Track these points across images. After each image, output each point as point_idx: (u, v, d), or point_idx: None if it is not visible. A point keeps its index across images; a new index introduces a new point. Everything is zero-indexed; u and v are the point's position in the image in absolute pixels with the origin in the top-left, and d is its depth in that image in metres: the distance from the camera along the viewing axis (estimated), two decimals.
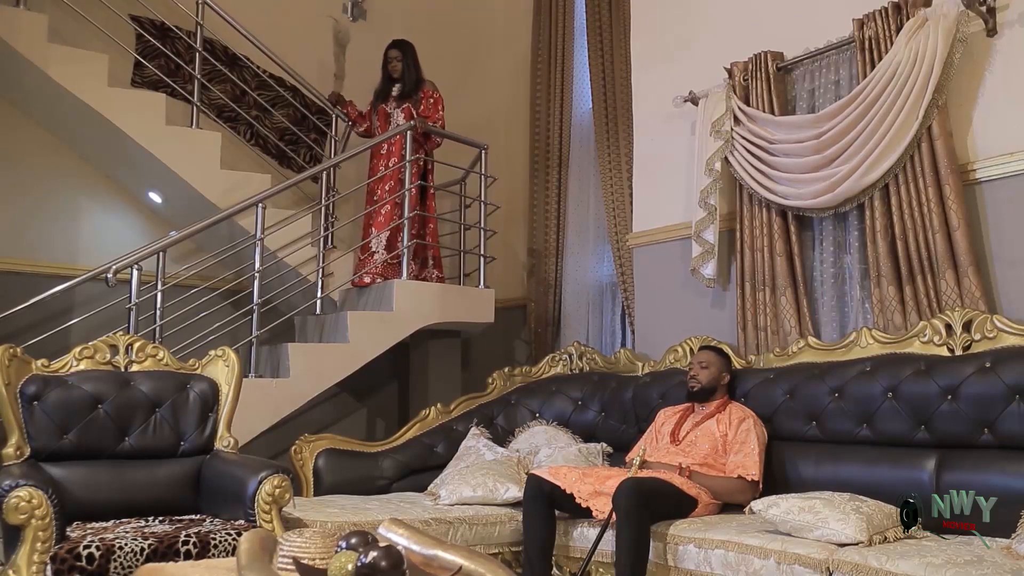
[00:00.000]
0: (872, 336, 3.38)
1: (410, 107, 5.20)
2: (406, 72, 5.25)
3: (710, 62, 4.18)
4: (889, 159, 3.40)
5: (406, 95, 5.24)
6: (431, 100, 5.21)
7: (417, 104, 5.19)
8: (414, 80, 5.25)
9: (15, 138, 4.64)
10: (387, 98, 5.29)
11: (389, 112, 5.28)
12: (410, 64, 5.26)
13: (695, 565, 2.91)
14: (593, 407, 4.26)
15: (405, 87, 5.25)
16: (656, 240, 4.52)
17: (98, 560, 2.50)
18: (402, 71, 5.24)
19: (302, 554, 1.94)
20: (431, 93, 5.23)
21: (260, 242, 4.53)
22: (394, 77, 5.26)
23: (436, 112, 5.20)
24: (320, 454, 4.01)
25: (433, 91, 5.24)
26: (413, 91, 5.23)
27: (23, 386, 3.03)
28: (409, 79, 5.25)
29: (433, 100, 5.22)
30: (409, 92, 5.24)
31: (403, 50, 5.28)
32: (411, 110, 5.18)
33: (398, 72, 5.24)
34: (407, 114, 5.18)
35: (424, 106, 5.18)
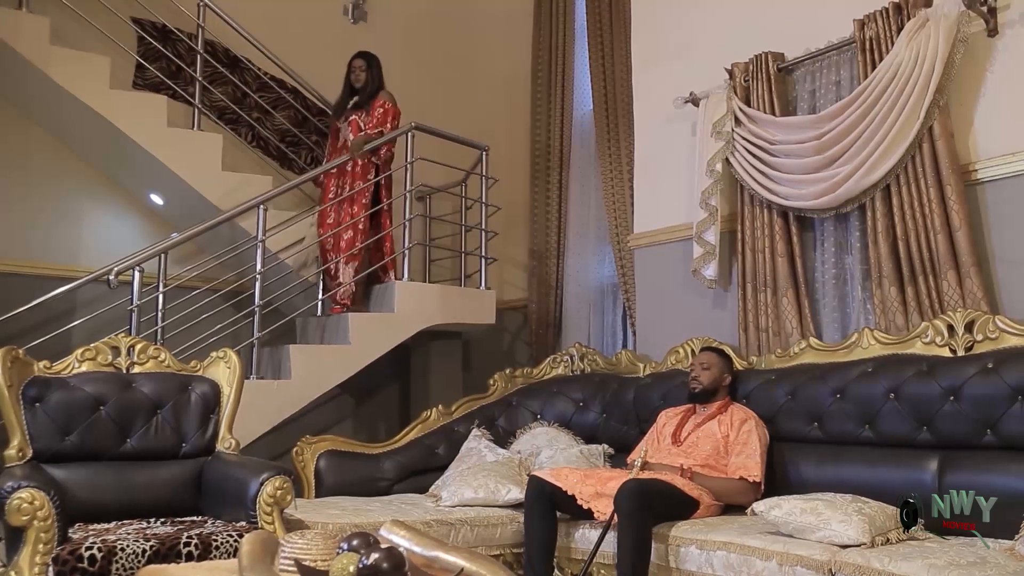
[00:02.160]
0: (874, 337, 3.37)
1: (357, 120, 4.99)
2: (368, 81, 5.06)
3: (711, 63, 4.18)
4: (890, 160, 3.40)
5: (360, 105, 5.04)
6: (381, 111, 4.95)
7: (368, 114, 4.99)
8: (373, 91, 5.04)
9: (17, 140, 4.64)
10: (342, 112, 5.12)
11: (339, 127, 5.12)
12: (374, 76, 5.07)
13: (697, 567, 2.91)
14: (594, 408, 4.26)
15: (362, 97, 5.06)
16: (657, 241, 4.52)
17: (100, 562, 2.50)
18: (365, 81, 5.07)
19: (304, 556, 1.95)
20: (384, 103, 4.98)
21: (261, 243, 4.53)
22: (356, 87, 5.09)
23: (384, 123, 4.93)
24: (321, 455, 4.01)
25: (387, 101, 4.99)
26: (367, 102, 5.02)
27: (25, 388, 3.04)
28: (368, 90, 5.06)
29: (383, 111, 4.95)
30: (363, 103, 5.04)
31: (368, 60, 5.11)
32: (358, 123, 4.98)
33: (361, 82, 5.07)
34: (354, 127, 4.99)
35: (373, 117, 4.95)
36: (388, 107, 4.98)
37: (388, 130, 4.92)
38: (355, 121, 5.01)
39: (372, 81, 5.07)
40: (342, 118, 5.09)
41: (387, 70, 5.89)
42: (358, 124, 4.98)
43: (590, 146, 5.43)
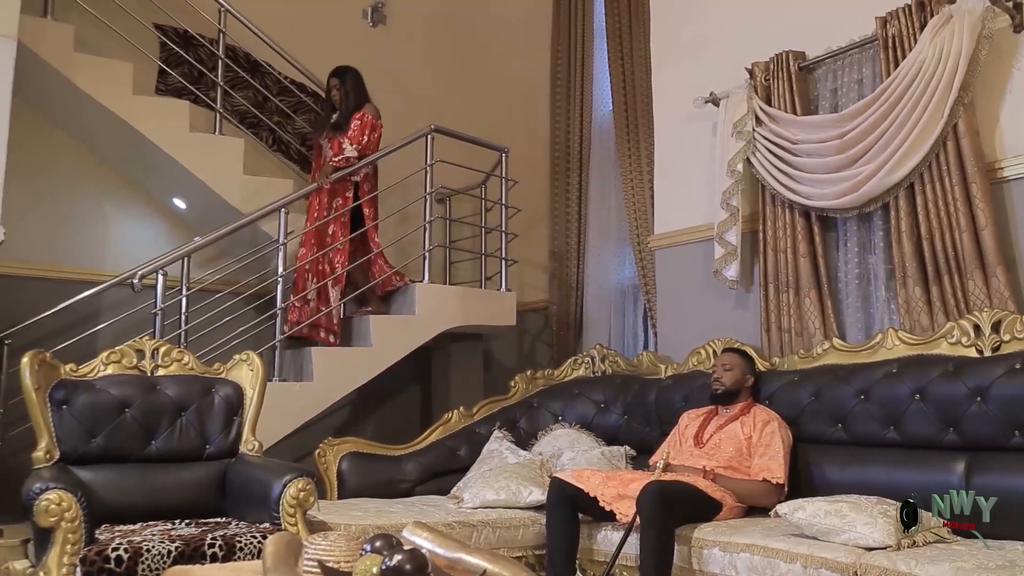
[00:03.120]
0: (898, 337, 3.34)
1: (337, 141, 4.86)
2: (344, 100, 4.93)
3: (731, 62, 4.16)
4: (914, 158, 3.37)
5: (338, 125, 4.91)
6: (357, 123, 4.81)
7: (345, 133, 4.85)
8: (351, 108, 4.90)
9: (43, 146, 4.70)
10: (322, 129, 5.05)
11: (321, 144, 5.03)
12: (348, 91, 4.93)
13: (720, 569, 2.89)
14: (616, 410, 4.25)
15: (340, 116, 4.93)
16: (678, 242, 4.50)
17: (126, 562, 2.52)
18: (340, 99, 4.94)
19: (327, 557, 1.95)
20: (362, 115, 4.83)
21: (283, 246, 4.56)
22: (335, 106, 4.98)
23: (362, 135, 4.78)
24: (344, 457, 4.02)
25: (364, 113, 4.85)
26: (346, 120, 4.89)
27: (52, 390, 3.07)
28: (346, 108, 4.91)
29: (361, 123, 4.81)
30: (341, 122, 4.91)
31: (342, 77, 4.96)
32: (338, 143, 4.84)
33: (337, 100, 4.96)
34: (335, 147, 4.86)
35: (351, 131, 4.81)
36: (366, 119, 4.84)
37: (366, 142, 4.78)
38: (335, 141, 4.89)
39: (349, 98, 4.92)
40: (323, 135, 5.01)
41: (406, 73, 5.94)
42: (339, 144, 4.86)
43: (609, 147, 5.42)
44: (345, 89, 4.94)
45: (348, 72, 4.99)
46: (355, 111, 4.87)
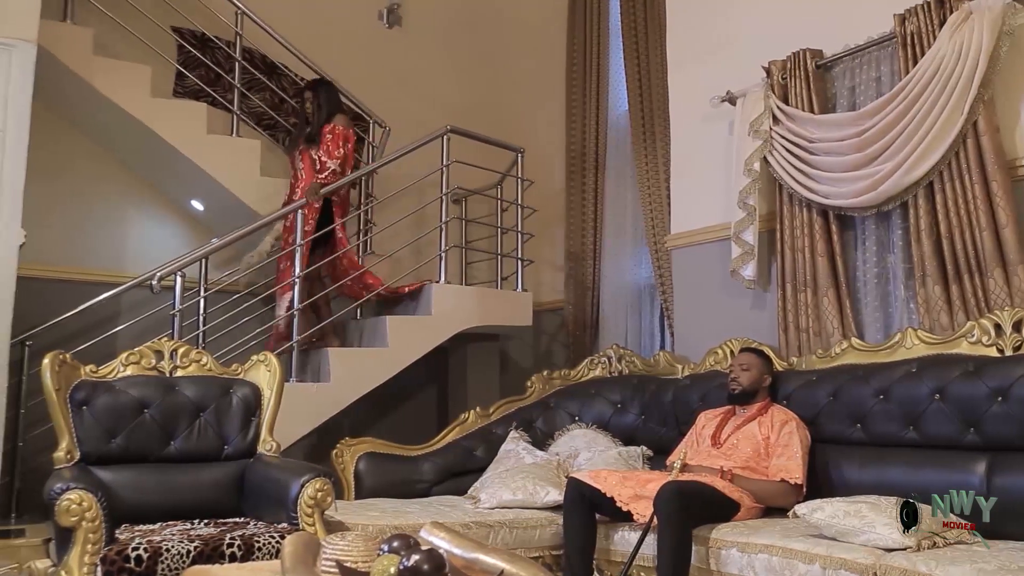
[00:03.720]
0: (918, 337, 3.31)
1: (309, 153, 4.81)
2: (316, 112, 4.88)
3: (747, 61, 4.14)
4: (933, 156, 3.34)
5: (312, 138, 4.84)
6: (330, 136, 4.76)
7: (319, 147, 4.79)
8: (323, 120, 4.84)
9: (63, 149, 4.75)
10: (296, 144, 4.96)
11: (295, 158, 4.94)
12: (321, 104, 4.88)
13: (738, 570, 2.87)
14: (633, 410, 4.24)
15: (312, 129, 4.87)
16: (694, 241, 4.48)
17: (146, 562, 2.54)
18: (313, 112, 4.89)
19: (345, 557, 1.96)
20: (333, 128, 4.79)
21: (300, 248, 4.58)
22: (308, 119, 4.94)
23: (336, 148, 4.74)
24: (361, 458, 4.03)
25: (338, 124, 4.81)
26: (317, 132, 4.83)
27: (72, 391, 3.10)
28: (317, 120, 4.86)
29: (333, 136, 4.76)
30: (315, 135, 4.84)
31: (315, 90, 4.92)
32: (310, 156, 4.80)
33: (310, 113, 4.91)
34: (306, 161, 4.81)
35: (324, 146, 4.76)
36: (338, 130, 4.79)
37: (343, 155, 4.74)
38: (306, 154, 4.82)
39: (321, 110, 4.87)
40: (297, 149, 4.91)
41: (422, 74, 5.95)
42: (310, 157, 4.80)
43: (626, 146, 5.41)
44: (318, 102, 4.88)
45: (321, 85, 4.94)
46: (326, 123, 4.82)
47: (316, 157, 4.77)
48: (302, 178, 4.79)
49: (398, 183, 5.23)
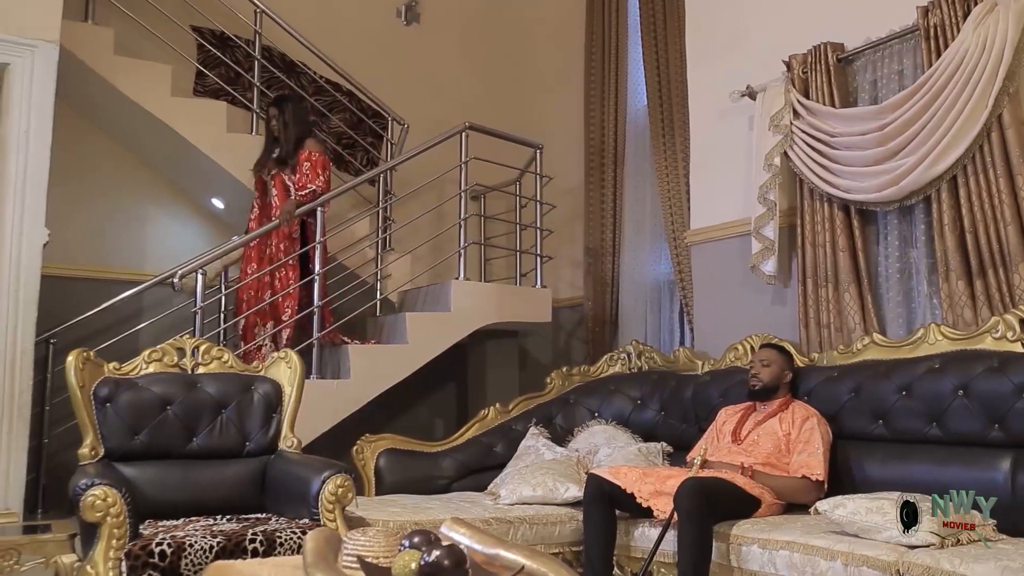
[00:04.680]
0: (941, 332, 3.28)
1: (282, 176, 4.62)
2: (284, 132, 4.65)
3: (767, 55, 4.11)
4: (957, 150, 3.30)
5: (283, 160, 4.63)
6: (308, 163, 4.56)
7: (293, 170, 4.59)
8: (294, 140, 4.62)
9: (85, 149, 4.79)
10: (266, 164, 4.71)
11: (266, 181, 4.70)
12: (288, 122, 4.64)
13: (759, 566, 2.86)
14: (652, 406, 4.23)
15: (283, 150, 4.65)
16: (714, 237, 4.46)
17: (170, 557, 2.56)
18: (280, 130, 4.66)
19: (366, 553, 1.97)
20: (309, 155, 4.58)
21: (320, 245, 4.59)
22: (276, 137, 4.70)
23: (315, 177, 4.54)
24: (381, 454, 4.05)
25: (313, 151, 4.60)
26: (291, 154, 4.62)
27: (96, 388, 3.13)
28: (288, 140, 4.64)
29: (311, 163, 4.56)
30: (286, 157, 4.63)
31: (281, 107, 4.68)
32: (283, 180, 4.61)
33: (277, 131, 4.68)
34: (279, 185, 4.62)
35: (300, 174, 4.57)
36: (315, 157, 4.59)
37: (320, 184, 4.55)
38: (279, 178, 4.63)
39: (288, 129, 4.65)
40: (266, 171, 4.69)
41: (440, 71, 5.95)
42: (283, 182, 4.62)
43: (644, 142, 5.39)
44: (284, 120, 4.65)
45: (287, 101, 4.74)
46: (298, 146, 4.62)
47: (291, 183, 4.59)
48: (275, 205, 4.60)
49: (417, 180, 5.24)
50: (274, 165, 4.66)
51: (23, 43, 3.75)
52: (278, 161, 4.66)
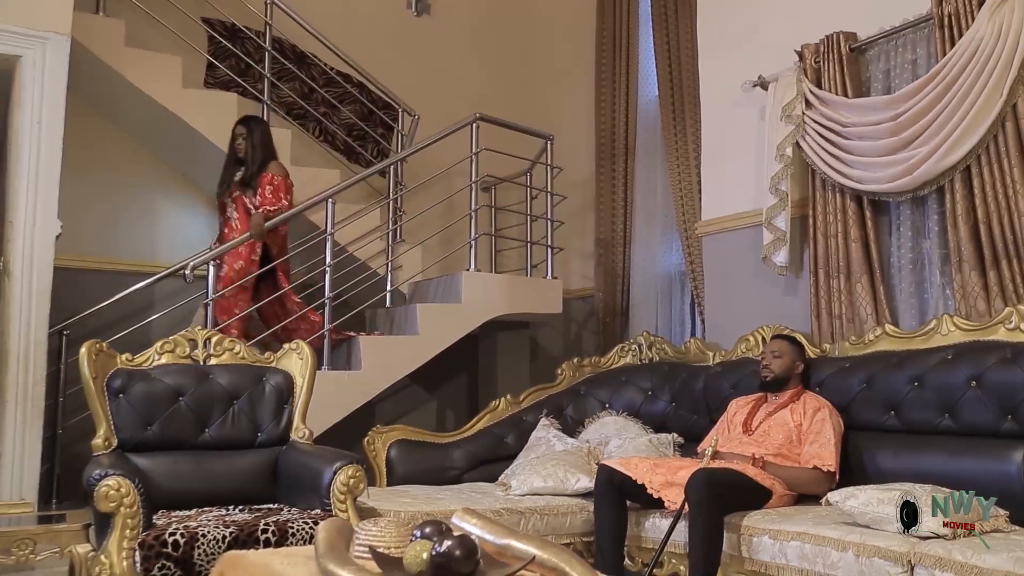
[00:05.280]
0: (954, 323, 3.27)
1: (243, 199, 4.52)
2: (251, 153, 4.55)
3: (779, 45, 4.09)
4: (971, 140, 3.28)
5: (246, 182, 4.53)
6: (271, 187, 4.48)
7: (255, 194, 4.50)
8: (258, 163, 4.53)
9: (97, 141, 4.81)
10: (227, 186, 4.61)
11: (225, 203, 4.62)
12: (256, 144, 4.55)
13: (770, 557, 2.86)
14: (663, 397, 4.22)
15: (247, 172, 4.55)
16: (725, 228, 4.45)
17: (183, 547, 2.58)
18: (247, 151, 4.56)
19: (378, 543, 1.98)
20: (272, 178, 4.50)
21: (330, 237, 4.60)
22: (239, 156, 4.58)
23: (278, 201, 4.47)
24: (392, 445, 4.06)
25: (275, 175, 4.51)
26: (254, 176, 4.52)
27: (109, 379, 3.14)
28: (254, 162, 4.54)
29: (273, 187, 4.48)
30: (249, 179, 4.53)
31: (249, 127, 4.58)
32: (244, 202, 4.52)
33: (242, 151, 4.56)
34: (240, 208, 4.53)
35: (262, 197, 4.47)
36: (278, 181, 4.51)
37: (285, 206, 4.49)
38: (241, 200, 4.54)
39: (256, 151, 4.55)
40: (227, 193, 4.59)
41: (450, 62, 5.94)
42: (244, 205, 4.53)
43: (656, 133, 5.37)
44: (252, 142, 4.55)
45: (257, 123, 4.65)
46: (261, 170, 4.52)
47: (252, 205, 4.51)
48: (236, 228, 4.51)
49: (427, 171, 5.24)
50: (237, 187, 4.56)
51: (35, 35, 3.76)
52: (241, 183, 4.55)
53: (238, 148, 4.58)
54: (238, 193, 4.56)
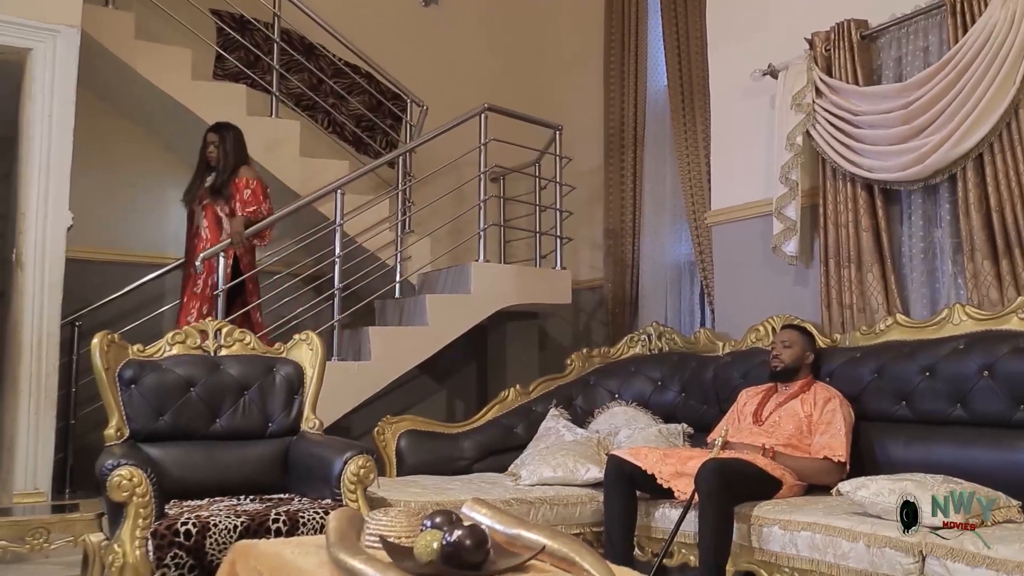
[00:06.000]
0: (966, 312, 3.25)
1: (213, 207, 4.42)
2: (222, 159, 4.44)
3: (789, 33, 4.06)
4: (983, 128, 3.25)
5: (217, 190, 4.43)
6: (249, 190, 4.40)
7: (228, 200, 4.41)
8: (230, 168, 4.43)
9: (107, 133, 4.83)
10: (195, 193, 4.52)
11: (193, 211, 4.53)
12: (228, 151, 4.44)
13: (780, 547, 2.86)
14: (673, 387, 4.22)
15: (218, 178, 4.44)
16: (735, 218, 4.43)
17: (195, 536, 2.59)
18: (218, 158, 4.45)
19: (388, 532, 1.99)
20: (248, 182, 4.42)
21: (340, 228, 4.61)
22: (210, 164, 4.49)
23: (258, 202, 4.41)
24: (402, 435, 4.07)
25: (250, 179, 4.44)
26: (225, 184, 4.42)
27: (121, 370, 3.15)
28: (225, 169, 4.43)
29: (252, 190, 4.41)
30: (220, 186, 4.43)
31: (221, 134, 4.46)
32: (215, 210, 4.42)
33: (214, 159, 4.46)
34: (210, 216, 4.43)
35: (241, 202, 4.39)
36: (254, 185, 4.43)
37: (266, 208, 4.43)
38: (211, 208, 4.43)
39: (228, 157, 4.45)
40: (197, 200, 4.50)
41: (459, 52, 5.93)
42: (215, 213, 4.42)
43: (665, 123, 5.35)
44: (224, 149, 4.45)
45: (229, 130, 4.50)
46: (233, 175, 4.43)
47: (223, 213, 4.42)
48: (205, 237, 4.41)
49: (436, 162, 5.24)
50: (207, 194, 4.45)
51: (45, 28, 3.77)
52: (212, 189, 4.45)
53: (209, 155, 4.47)
54: (207, 201, 4.44)
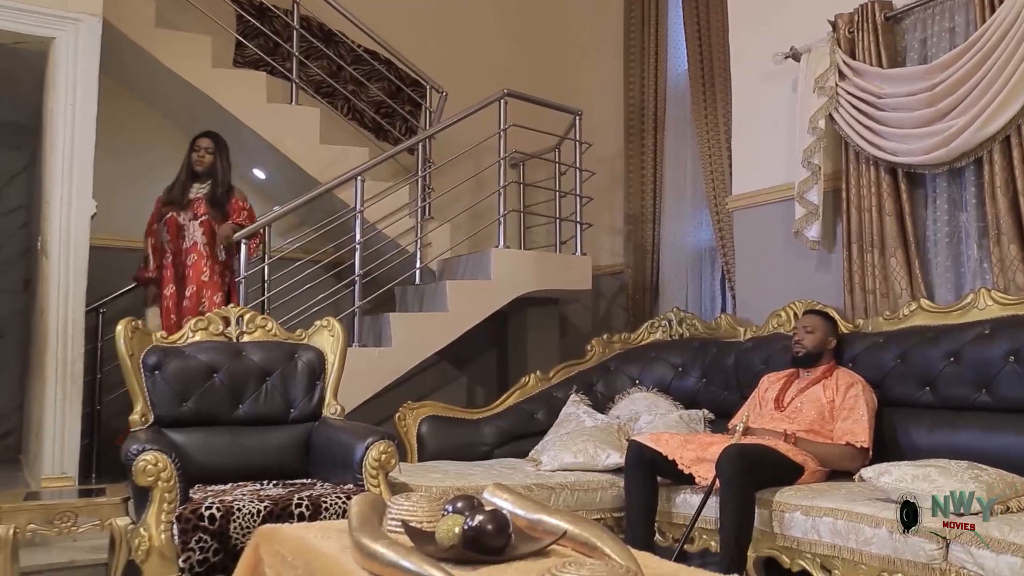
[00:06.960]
0: (991, 297, 3.21)
1: (210, 222, 4.26)
2: (220, 172, 4.32)
3: (812, 15, 4.01)
4: (1011, 109, 3.20)
5: (214, 202, 4.29)
6: (246, 212, 4.36)
7: (226, 217, 4.31)
8: (227, 184, 4.35)
9: (130, 121, 4.86)
10: (181, 201, 4.30)
11: (182, 224, 4.28)
12: (225, 164, 4.35)
13: (802, 533, 2.85)
14: (694, 373, 4.20)
15: (216, 191, 4.30)
16: (756, 202, 4.40)
17: (219, 520, 2.62)
18: (212, 167, 4.30)
19: (410, 517, 1.99)
20: (245, 203, 4.39)
21: (360, 214, 4.62)
22: (197, 170, 4.31)
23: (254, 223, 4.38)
24: (423, 421, 4.09)
25: (244, 201, 4.40)
26: (223, 197, 4.31)
27: (145, 356, 3.19)
28: (223, 181, 4.32)
29: (248, 211, 4.38)
30: (216, 198, 4.29)
31: (218, 144, 4.35)
32: (211, 224, 4.26)
33: (204, 165, 4.29)
34: (207, 229, 4.26)
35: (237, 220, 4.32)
36: (248, 207, 4.40)
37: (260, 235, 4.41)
38: (208, 223, 4.27)
39: (226, 172, 4.36)
40: (186, 211, 4.29)
41: (477, 38, 5.92)
42: (211, 226, 4.27)
43: (685, 107, 5.31)
44: (222, 162, 4.33)
45: (222, 140, 4.39)
46: (230, 192, 4.37)
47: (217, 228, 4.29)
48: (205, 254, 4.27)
49: (456, 148, 5.23)
50: (205, 205, 4.28)
51: (67, 17, 3.79)
52: (211, 201, 4.29)
53: (200, 160, 4.31)
54: (205, 214, 4.27)
